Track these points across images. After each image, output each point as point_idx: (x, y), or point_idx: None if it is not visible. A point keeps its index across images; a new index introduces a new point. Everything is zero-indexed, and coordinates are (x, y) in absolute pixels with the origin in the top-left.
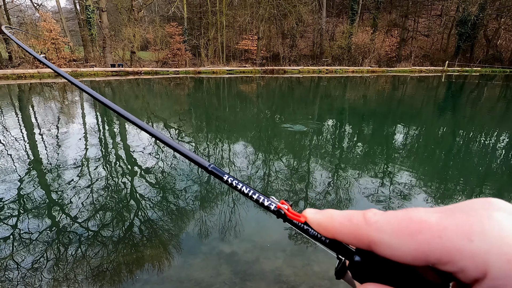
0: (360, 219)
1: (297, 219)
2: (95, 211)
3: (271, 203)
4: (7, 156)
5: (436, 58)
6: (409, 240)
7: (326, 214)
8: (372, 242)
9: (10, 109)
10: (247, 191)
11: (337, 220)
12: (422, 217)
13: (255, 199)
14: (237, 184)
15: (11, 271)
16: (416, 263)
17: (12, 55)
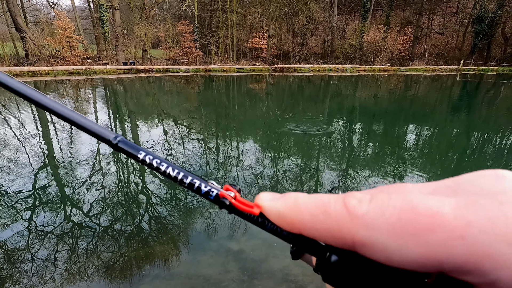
0: (340, 210)
1: (249, 210)
2: (106, 206)
3: (211, 190)
4: (24, 151)
5: (450, 56)
6: (416, 242)
7: (289, 201)
8: (359, 243)
9: (26, 105)
10: (174, 174)
11: (307, 212)
12: (431, 207)
13: (187, 184)
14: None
15: (26, 263)
16: (422, 270)
17: (28, 53)
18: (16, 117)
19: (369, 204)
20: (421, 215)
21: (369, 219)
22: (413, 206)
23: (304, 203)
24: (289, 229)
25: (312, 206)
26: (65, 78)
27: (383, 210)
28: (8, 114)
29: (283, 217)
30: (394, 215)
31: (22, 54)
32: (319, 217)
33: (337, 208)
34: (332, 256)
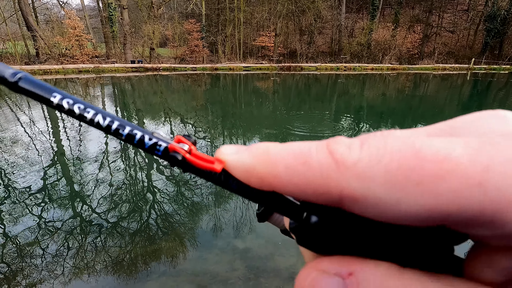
0: (325, 159)
1: (208, 166)
2: (114, 203)
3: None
4: (34, 148)
5: (461, 55)
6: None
7: (258, 152)
8: (348, 197)
9: (37, 103)
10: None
11: (281, 163)
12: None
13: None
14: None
15: (36, 257)
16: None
17: (39, 52)
18: (27, 114)
19: (361, 150)
20: (428, 160)
21: (362, 168)
22: (417, 149)
23: (277, 153)
24: (259, 186)
25: (288, 157)
26: (75, 76)
27: (379, 157)
28: (19, 111)
29: (252, 172)
30: (393, 161)
31: (33, 52)
32: (298, 169)
33: (321, 157)
34: (312, 216)
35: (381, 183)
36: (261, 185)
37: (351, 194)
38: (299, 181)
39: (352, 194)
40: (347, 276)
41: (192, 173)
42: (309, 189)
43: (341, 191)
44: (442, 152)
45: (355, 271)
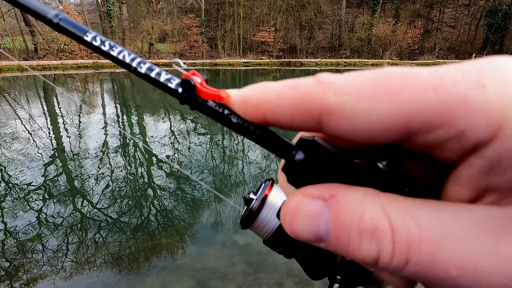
0: (310, 82)
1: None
2: (114, 198)
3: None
4: (33, 144)
5: (462, 50)
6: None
7: (256, 86)
8: (326, 112)
9: (35, 99)
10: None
11: (273, 91)
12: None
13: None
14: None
15: (37, 252)
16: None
17: (37, 47)
18: (26, 110)
19: (341, 76)
20: (396, 75)
21: (339, 86)
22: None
23: (271, 85)
24: (253, 118)
25: (279, 86)
26: (73, 71)
27: (355, 77)
28: (18, 107)
29: (248, 101)
30: (367, 79)
31: (31, 48)
32: (287, 93)
33: (307, 82)
34: (298, 153)
35: (354, 96)
36: (255, 114)
37: (328, 107)
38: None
39: (329, 107)
40: (329, 197)
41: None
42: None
43: (322, 106)
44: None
45: (336, 193)
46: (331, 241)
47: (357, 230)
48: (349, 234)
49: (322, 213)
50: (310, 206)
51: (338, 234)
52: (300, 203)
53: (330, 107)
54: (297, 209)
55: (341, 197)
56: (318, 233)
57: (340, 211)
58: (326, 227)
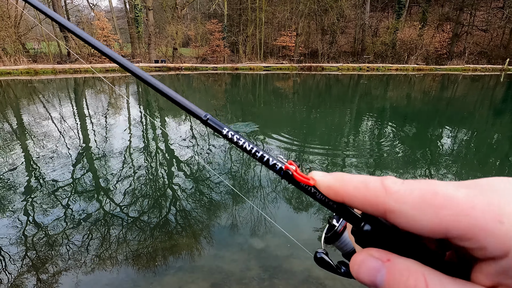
0: (378, 186)
1: (306, 181)
2: (135, 198)
3: (277, 163)
4: (63, 143)
5: (494, 55)
6: (432, 213)
7: (337, 177)
8: (389, 211)
9: (67, 100)
10: (249, 148)
11: (351, 184)
12: (449, 192)
13: (258, 157)
14: (238, 140)
15: (62, 246)
16: (432, 236)
17: (70, 52)
18: (58, 111)
19: (401, 185)
20: (439, 196)
21: (399, 195)
22: (436, 190)
23: (349, 179)
24: (334, 198)
25: (355, 181)
26: (102, 75)
27: (411, 190)
28: (51, 107)
29: (332, 188)
30: (419, 194)
31: (64, 52)
32: (361, 189)
33: (376, 185)
34: (366, 225)
35: (409, 205)
36: (336, 197)
37: (391, 209)
38: (360, 196)
39: (391, 209)
40: (386, 261)
41: (294, 184)
42: (366, 203)
43: (385, 207)
44: (450, 193)
45: (391, 258)
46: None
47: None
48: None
49: (380, 269)
50: (372, 263)
51: (389, 286)
52: (366, 259)
53: (391, 209)
54: (363, 262)
55: (395, 261)
56: (374, 282)
57: (393, 271)
58: (381, 279)
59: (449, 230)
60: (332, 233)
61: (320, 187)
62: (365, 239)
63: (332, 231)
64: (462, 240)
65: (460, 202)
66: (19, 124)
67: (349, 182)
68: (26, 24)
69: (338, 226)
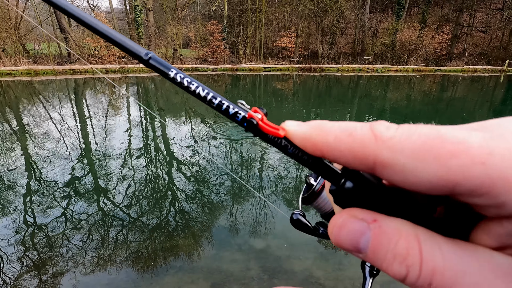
0: (366, 133)
1: (274, 132)
2: (135, 198)
3: (239, 111)
4: (63, 144)
5: (494, 56)
6: (436, 164)
7: (315, 125)
8: (381, 164)
9: (67, 101)
10: (204, 94)
11: (332, 134)
12: (458, 136)
13: (216, 104)
14: (189, 84)
15: (62, 247)
16: (433, 192)
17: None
18: (58, 111)
19: (396, 130)
20: (447, 141)
21: (394, 142)
22: (441, 134)
23: (330, 127)
24: (311, 152)
25: (337, 129)
26: (102, 75)
27: (409, 135)
28: (51, 108)
29: (308, 139)
30: (419, 139)
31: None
32: (344, 139)
33: (364, 132)
34: (347, 182)
35: (406, 155)
36: (313, 150)
37: (383, 161)
38: (344, 148)
39: (382, 161)
40: (371, 222)
41: (260, 137)
42: (350, 156)
43: (375, 158)
44: (460, 138)
45: (378, 218)
46: (368, 255)
47: (392, 252)
48: (384, 254)
49: (364, 232)
50: (354, 225)
51: (375, 252)
52: (346, 220)
53: (383, 160)
54: (343, 225)
55: (382, 223)
56: (357, 247)
57: (380, 234)
58: (366, 244)
59: (458, 183)
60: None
61: (293, 138)
62: (346, 198)
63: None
64: (473, 196)
65: (472, 147)
66: (19, 125)
67: (330, 131)
68: (26, 25)
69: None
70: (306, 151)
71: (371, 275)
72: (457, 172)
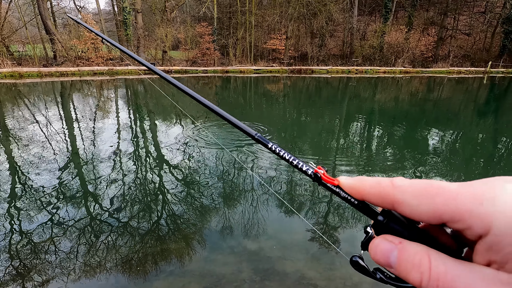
0: (388, 183)
1: (332, 182)
2: (125, 202)
3: (309, 168)
4: (49, 148)
5: (477, 58)
6: (428, 201)
7: (357, 178)
8: (396, 202)
9: (53, 104)
10: (288, 157)
11: (367, 184)
12: (442, 184)
13: (295, 164)
14: (279, 151)
15: (48, 254)
16: (431, 221)
17: (56, 54)
18: (44, 114)
19: (406, 181)
20: (435, 187)
21: (403, 188)
22: (431, 183)
23: (366, 179)
24: (355, 196)
25: (371, 181)
26: (90, 78)
27: (412, 184)
28: (36, 111)
29: (353, 187)
30: (418, 186)
31: (50, 55)
32: (374, 186)
33: (386, 182)
34: (379, 216)
35: (410, 195)
36: (356, 195)
37: (397, 200)
38: (375, 192)
39: (396, 200)
40: (398, 243)
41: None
42: (379, 197)
43: (393, 198)
44: (443, 185)
45: (403, 242)
46: (396, 267)
47: (411, 263)
48: (405, 265)
49: (392, 250)
50: (386, 245)
51: (400, 264)
52: (381, 242)
53: (397, 200)
54: (378, 245)
55: (405, 244)
56: (388, 261)
57: (403, 251)
58: (394, 259)
59: (442, 214)
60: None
61: (343, 186)
62: (379, 228)
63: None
64: (453, 223)
65: (449, 190)
66: (3, 129)
67: (366, 182)
68: (10, 26)
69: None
70: (353, 195)
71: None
72: (440, 206)
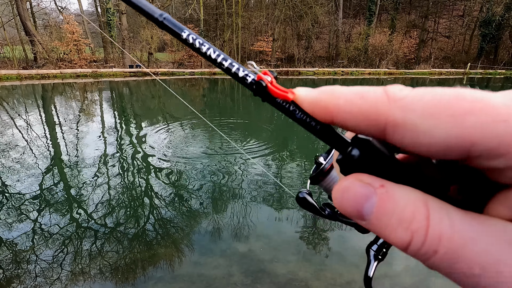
0: (379, 95)
1: (283, 95)
2: (111, 208)
3: (248, 74)
4: (30, 153)
5: (457, 60)
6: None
7: (325, 90)
8: (391, 124)
9: (34, 107)
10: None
11: (343, 97)
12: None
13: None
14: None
15: (32, 263)
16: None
17: (37, 56)
18: (24, 119)
19: (410, 91)
20: (466, 100)
21: (406, 101)
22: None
23: (341, 91)
24: (320, 117)
25: (349, 93)
26: (72, 80)
27: (423, 95)
28: (16, 115)
29: (317, 103)
30: (434, 98)
31: (31, 57)
32: (356, 101)
33: (376, 93)
34: (354, 149)
35: (419, 113)
36: (323, 114)
37: (394, 121)
38: (355, 111)
39: (394, 121)
40: (379, 187)
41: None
42: (361, 118)
43: (387, 118)
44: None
45: (386, 185)
46: (371, 221)
47: (397, 218)
48: (389, 219)
49: (369, 197)
50: (359, 189)
51: (379, 217)
52: (352, 184)
53: (395, 121)
54: (348, 188)
55: (390, 189)
56: (360, 211)
57: (386, 199)
58: (370, 210)
59: (475, 142)
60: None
61: (302, 103)
62: (351, 166)
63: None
64: (491, 158)
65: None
66: None
67: (341, 95)
68: None
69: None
70: (315, 116)
71: (376, 259)
72: (475, 130)
